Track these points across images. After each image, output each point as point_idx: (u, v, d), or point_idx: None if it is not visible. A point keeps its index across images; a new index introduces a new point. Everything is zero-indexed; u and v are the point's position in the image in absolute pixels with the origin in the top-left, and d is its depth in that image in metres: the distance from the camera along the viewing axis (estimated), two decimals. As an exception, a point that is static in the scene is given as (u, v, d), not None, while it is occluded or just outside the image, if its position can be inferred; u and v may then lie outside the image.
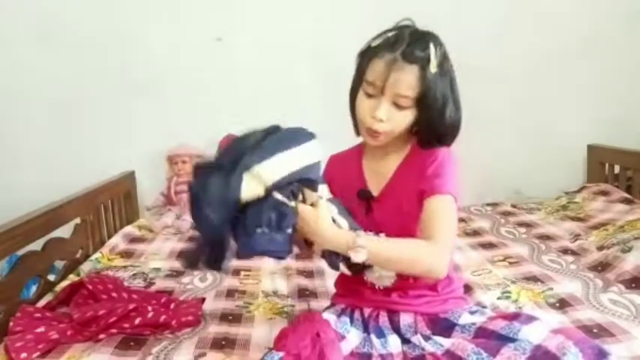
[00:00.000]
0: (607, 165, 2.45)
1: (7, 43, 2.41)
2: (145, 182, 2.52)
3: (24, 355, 1.13)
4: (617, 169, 2.39)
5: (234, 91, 2.49)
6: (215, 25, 2.46)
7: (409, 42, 0.96)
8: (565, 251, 1.76)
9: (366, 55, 1.01)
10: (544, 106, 2.57)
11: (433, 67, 0.95)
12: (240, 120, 2.44)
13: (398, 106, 0.97)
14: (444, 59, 0.98)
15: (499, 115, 2.46)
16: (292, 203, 0.90)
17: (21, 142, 2.48)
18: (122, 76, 2.45)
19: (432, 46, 0.96)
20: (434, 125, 1.00)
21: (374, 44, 1.00)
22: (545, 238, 1.91)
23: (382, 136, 1.00)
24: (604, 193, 2.25)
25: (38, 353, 1.15)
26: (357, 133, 1.09)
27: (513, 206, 2.35)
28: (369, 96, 0.99)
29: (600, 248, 1.69)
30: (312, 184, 0.92)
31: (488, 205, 2.38)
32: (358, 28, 2.38)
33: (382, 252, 0.95)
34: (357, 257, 0.92)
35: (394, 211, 1.03)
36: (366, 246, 0.92)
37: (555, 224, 2.05)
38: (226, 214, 0.85)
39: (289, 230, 0.89)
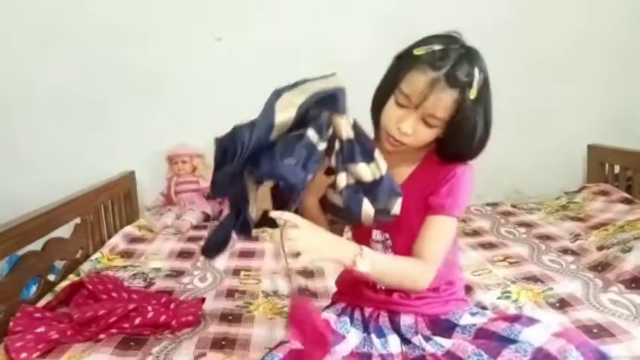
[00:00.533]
0: (607, 165, 2.45)
1: (8, 43, 2.41)
2: (145, 182, 2.52)
3: (24, 355, 1.13)
4: (617, 169, 2.39)
5: (234, 91, 2.48)
6: (215, 25, 2.46)
7: (454, 63, 0.91)
8: (565, 251, 1.76)
9: (405, 63, 0.96)
10: (544, 107, 2.57)
11: (472, 94, 0.92)
12: (240, 120, 2.47)
13: (426, 124, 0.95)
14: (484, 85, 0.95)
15: (499, 114, 2.45)
16: (321, 147, 0.90)
17: (21, 142, 2.48)
18: (122, 76, 2.45)
19: (476, 71, 0.93)
20: (460, 147, 0.99)
21: (417, 52, 0.94)
22: (545, 238, 1.91)
23: (403, 147, 0.98)
24: (604, 193, 2.25)
25: (38, 353, 1.16)
26: (376, 135, 1.04)
27: (513, 206, 2.35)
28: (400, 106, 0.95)
29: (600, 248, 1.69)
30: (338, 109, 0.91)
31: (488, 205, 2.38)
32: (358, 28, 2.42)
33: (382, 267, 0.95)
34: (363, 266, 0.92)
35: (402, 214, 1.00)
36: (371, 258, 0.92)
37: (555, 224, 2.05)
38: (257, 141, 0.86)
39: (310, 175, 0.89)
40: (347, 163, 0.93)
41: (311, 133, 0.88)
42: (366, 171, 0.93)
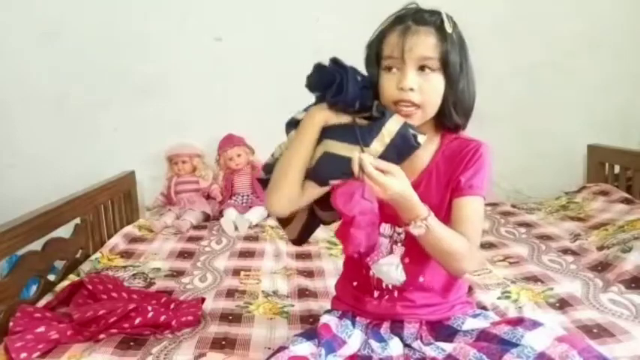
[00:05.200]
0: (607, 165, 2.45)
1: (7, 42, 2.41)
2: (145, 182, 2.53)
3: (24, 355, 1.13)
4: (617, 169, 2.39)
5: (234, 91, 2.49)
6: (215, 25, 2.46)
7: (416, 12, 0.94)
8: (565, 251, 1.76)
9: (376, 39, 0.97)
10: (544, 106, 2.57)
11: (448, 28, 0.92)
12: (240, 120, 2.48)
13: (424, 71, 0.92)
14: (455, 26, 0.95)
15: (499, 114, 2.47)
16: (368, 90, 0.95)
17: (21, 141, 2.48)
18: (122, 77, 2.45)
19: (442, 11, 0.95)
20: (448, 96, 0.95)
21: (382, 27, 0.97)
22: (545, 238, 1.91)
23: (418, 111, 0.93)
24: (604, 193, 2.25)
25: (38, 353, 1.16)
26: None
27: (513, 206, 2.35)
28: (390, 70, 0.93)
29: (600, 248, 1.69)
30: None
31: (488, 205, 2.37)
32: (358, 28, 2.40)
33: (438, 237, 0.91)
34: (417, 230, 0.89)
35: (422, 201, 0.95)
36: (432, 227, 0.89)
37: (555, 224, 2.05)
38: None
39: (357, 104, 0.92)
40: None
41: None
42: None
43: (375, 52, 0.96)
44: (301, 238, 1.11)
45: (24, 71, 2.43)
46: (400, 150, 0.92)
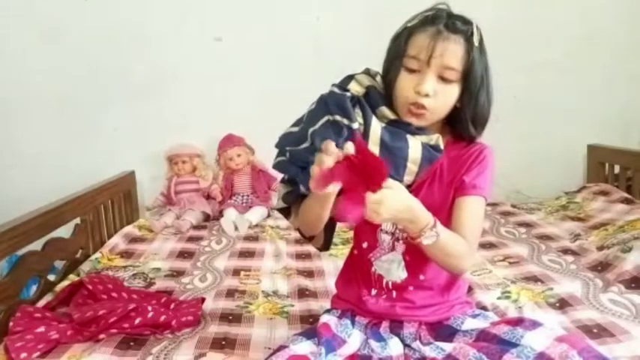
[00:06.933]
0: (607, 165, 2.45)
1: (7, 43, 2.41)
2: (145, 182, 2.53)
3: (24, 355, 1.13)
4: (617, 169, 2.39)
5: (234, 91, 2.49)
6: (215, 25, 2.46)
7: (449, 17, 0.94)
8: (565, 251, 1.76)
9: (403, 35, 0.96)
10: (544, 106, 2.57)
11: (476, 41, 0.93)
12: (240, 120, 2.48)
13: (443, 80, 0.92)
14: (482, 38, 0.96)
15: (499, 114, 2.46)
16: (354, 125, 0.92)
17: (21, 142, 2.48)
18: (122, 76, 2.45)
19: (473, 22, 0.95)
20: (467, 109, 0.97)
21: (411, 24, 0.96)
22: (545, 238, 1.91)
23: (427, 113, 0.94)
24: (604, 193, 2.25)
25: (38, 353, 1.16)
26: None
27: (513, 206, 2.35)
28: (412, 71, 0.93)
29: (600, 248, 1.69)
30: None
31: (488, 205, 2.36)
32: (358, 27, 2.41)
33: (444, 242, 0.90)
34: (429, 239, 0.88)
35: (426, 200, 0.96)
36: (440, 233, 0.89)
37: (555, 224, 2.05)
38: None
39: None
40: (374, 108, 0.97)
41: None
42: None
43: (398, 49, 0.95)
44: (328, 244, 1.12)
45: (24, 71, 2.43)
46: (428, 166, 0.96)
